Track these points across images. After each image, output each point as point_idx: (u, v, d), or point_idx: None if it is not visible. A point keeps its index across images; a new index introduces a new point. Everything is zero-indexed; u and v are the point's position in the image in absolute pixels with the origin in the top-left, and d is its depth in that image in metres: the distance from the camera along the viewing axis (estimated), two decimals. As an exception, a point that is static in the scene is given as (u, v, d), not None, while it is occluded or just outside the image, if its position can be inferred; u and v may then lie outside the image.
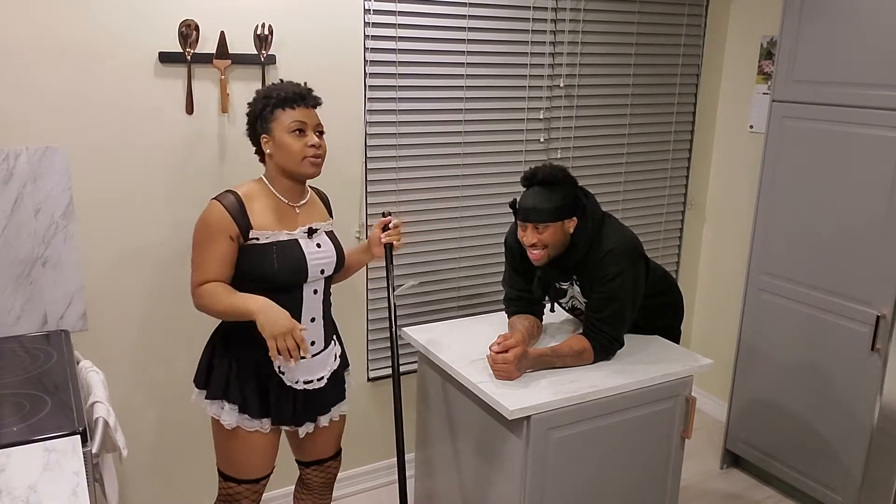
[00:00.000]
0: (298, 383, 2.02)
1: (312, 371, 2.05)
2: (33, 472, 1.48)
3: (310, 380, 2.04)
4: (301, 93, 1.95)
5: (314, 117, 1.97)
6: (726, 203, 3.55)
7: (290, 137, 1.92)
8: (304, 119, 1.93)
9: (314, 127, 1.96)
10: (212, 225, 1.89)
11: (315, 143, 1.94)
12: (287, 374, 2.01)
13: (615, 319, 2.21)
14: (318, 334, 2.05)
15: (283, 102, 1.93)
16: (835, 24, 2.60)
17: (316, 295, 2.02)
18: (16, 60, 2.10)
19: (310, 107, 1.97)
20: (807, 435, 2.85)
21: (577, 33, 3.02)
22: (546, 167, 2.20)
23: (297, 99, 1.94)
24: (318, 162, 1.97)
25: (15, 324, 2.23)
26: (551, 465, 2.07)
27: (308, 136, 1.94)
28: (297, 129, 1.93)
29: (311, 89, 1.99)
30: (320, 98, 2.01)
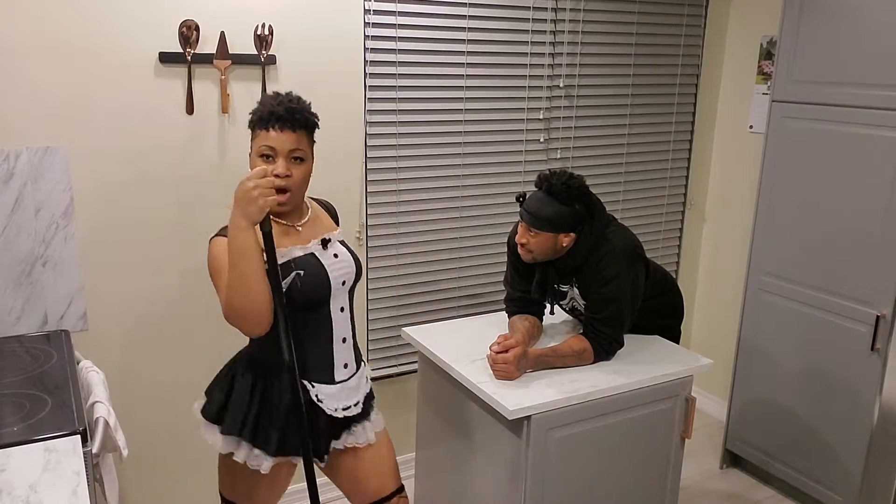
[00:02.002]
0: (337, 411, 1.84)
1: (349, 396, 1.88)
2: (33, 472, 1.48)
3: (348, 405, 1.87)
4: (276, 112, 1.69)
5: (290, 142, 1.70)
6: (726, 203, 3.55)
7: (257, 162, 1.71)
8: (274, 144, 1.69)
9: (287, 153, 1.70)
10: (218, 255, 1.70)
11: (280, 171, 1.68)
12: (325, 402, 1.82)
13: (614, 320, 2.21)
14: (349, 356, 1.88)
15: (259, 122, 1.72)
16: (834, 24, 2.60)
17: (343, 313, 1.85)
18: (16, 60, 2.10)
19: (288, 129, 1.70)
20: (807, 435, 2.85)
21: (577, 33, 3.02)
22: (559, 178, 2.15)
23: (272, 119, 1.69)
24: (283, 199, 1.70)
25: (15, 324, 2.23)
26: (551, 465, 2.07)
27: (276, 164, 1.69)
28: (264, 155, 1.71)
29: (294, 108, 1.72)
30: (307, 118, 1.75)
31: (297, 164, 1.74)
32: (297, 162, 1.74)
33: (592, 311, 2.24)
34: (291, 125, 1.71)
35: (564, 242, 2.19)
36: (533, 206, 2.17)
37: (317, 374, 1.83)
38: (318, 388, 1.83)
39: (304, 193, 1.82)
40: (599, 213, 2.22)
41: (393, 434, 3.02)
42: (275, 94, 1.76)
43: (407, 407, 3.02)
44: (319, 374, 1.84)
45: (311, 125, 1.77)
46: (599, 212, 2.22)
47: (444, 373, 2.28)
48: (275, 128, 1.69)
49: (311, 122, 1.77)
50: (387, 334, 2.90)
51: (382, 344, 2.90)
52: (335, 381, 1.85)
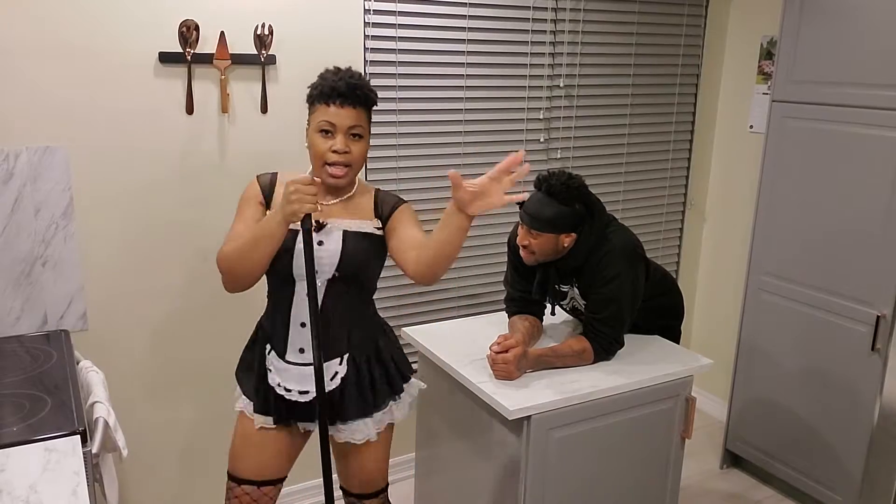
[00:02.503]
0: (279, 387, 1.87)
1: (296, 380, 1.86)
2: (33, 472, 1.48)
3: (290, 389, 1.86)
4: (338, 88, 1.71)
5: (350, 118, 1.72)
6: (726, 203, 3.55)
7: (316, 137, 1.74)
8: (334, 120, 1.71)
9: (347, 129, 1.73)
10: (244, 194, 1.86)
11: (339, 147, 1.72)
12: (271, 374, 1.88)
13: (614, 320, 2.21)
14: (306, 341, 1.82)
15: (320, 96, 1.74)
16: (834, 24, 2.60)
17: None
18: (16, 60, 2.10)
19: (349, 105, 1.72)
20: (807, 435, 2.85)
21: (577, 33, 3.02)
22: (558, 179, 2.16)
23: (333, 95, 1.71)
24: (342, 172, 1.74)
25: (15, 324, 2.23)
26: (551, 465, 2.07)
27: (335, 140, 1.72)
28: (323, 130, 1.73)
29: (356, 84, 1.73)
30: (368, 94, 1.76)
31: (355, 140, 1.76)
32: (356, 139, 1.76)
33: (592, 311, 2.24)
34: (352, 101, 1.73)
35: (566, 243, 2.19)
36: (533, 208, 2.17)
37: (274, 344, 1.89)
38: (271, 357, 1.89)
39: (359, 170, 1.84)
40: (599, 213, 2.22)
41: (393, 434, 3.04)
42: (336, 69, 1.79)
43: (407, 407, 3.02)
44: (276, 345, 1.89)
45: (370, 102, 1.79)
46: (599, 211, 2.22)
47: (444, 373, 2.28)
48: (335, 103, 1.72)
49: (372, 99, 1.79)
50: (387, 334, 2.90)
51: (382, 344, 2.90)
52: (284, 359, 1.87)
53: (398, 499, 2.97)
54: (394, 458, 3.06)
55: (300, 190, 1.62)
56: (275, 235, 1.69)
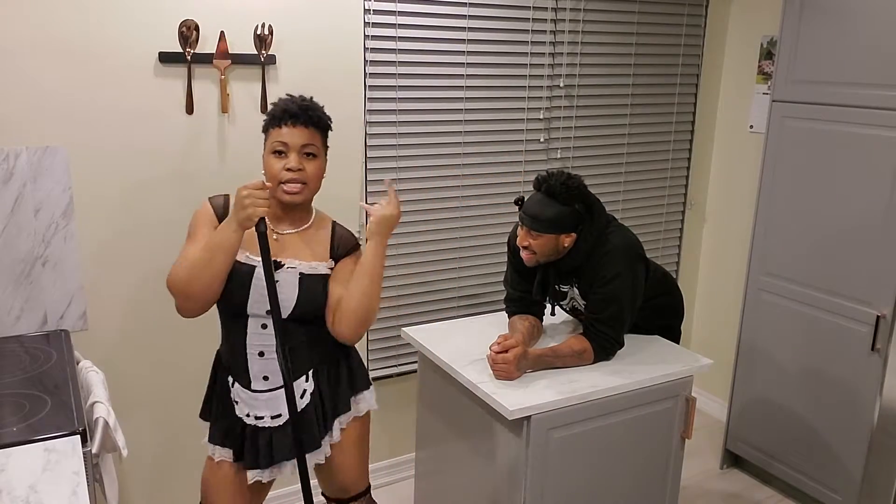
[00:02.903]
0: (249, 417, 1.85)
1: (261, 408, 1.84)
2: (33, 472, 1.48)
3: (261, 416, 1.85)
4: (290, 109, 1.75)
5: (302, 137, 1.74)
6: (726, 203, 3.55)
7: (270, 158, 1.75)
8: (286, 139, 1.73)
9: (300, 148, 1.74)
10: (196, 216, 1.82)
11: (293, 165, 1.73)
12: (239, 406, 1.86)
13: (614, 320, 2.21)
14: (270, 369, 1.82)
15: (272, 120, 1.77)
16: (834, 24, 2.60)
17: (265, 330, 1.80)
18: (16, 60, 2.10)
19: (300, 125, 1.74)
20: (807, 435, 2.85)
21: (577, 33, 3.02)
22: (557, 179, 2.16)
23: (285, 116, 1.75)
24: (295, 189, 1.74)
25: (15, 324, 2.23)
26: (551, 465, 2.07)
27: (288, 159, 1.73)
28: (277, 151, 1.74)
29: (307, 106, 1.78)
30: (319, 116, 1.80)
31: (309, 159, 1.77)
32: (310, 158, 1.77)
33: (592, 312, 2.24)
34: (304, 121, 1.75)
35: (566, 243, 2.19)
36: (533, 209, 2.17)
37: (237, 376, 1.87)
38: (236, 389, 1.87)
39: (316, 191, 1.83)
40: (599, 213, 2.22)
41: (393, 434, 3.04)
42: (289, 96, 1.82)
43: (407, 407, 3.02)
44: (240, 377, 1.86)
45: (323, 124, 1.81)
46: (599, 211, 2.23)
47: (444, 373, 2.28)
48: (287, 124, 1.74)
49: (324, 121, 1.82)
50: (387, 334, 2.90)
51: (382, 344, 2.90)
52: (251, 388, 1.85)
53: (398, 499, 2.97)
54: (394, 458, 3.08)
55: (253, 194, 1.64)
56: (231, 246, 1.68)
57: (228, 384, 1.89)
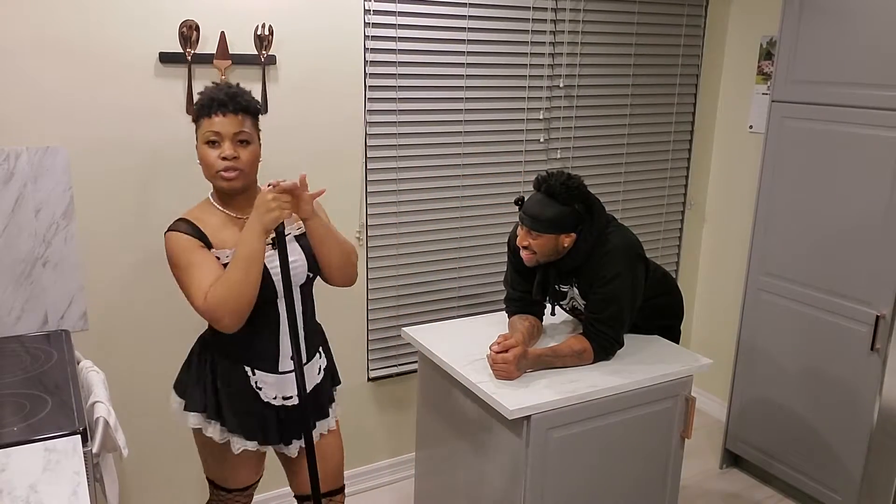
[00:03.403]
0: (277, 399, 1.92)
1: (290, 387, 1.91)
2: (33, 471, 1.49)
3: (289, 395, 1.93)
4: (218, 97, 1.75)
5: (233, 125, 1.76)
6: (726, 203, 3.55)
7: (204, 149, 1.78)
8: (219, 129, 1.75)
9: (232, 136, 1.76)
10: (178, 248, 1.77)
11: (227, 153, 1.75)
12: (264, 390, 1.91)
13: (614, 320, 2.22)
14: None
15: (202, 110, 1.78)
16: (834, 24, 2.60)
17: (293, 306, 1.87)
18: (16, 60, 2.10)
19: (230, 113, 1.75)
20: (807, 435, 2.85)
21: (577, 33, 3.02)
22: (556, 179, 2.16)
23: (214, 105, 1.75)
24: (233, 176, 1.77)
25: (15, 324, 2.24)
26: (551, 465, 2.07)
27: (221, 147, 1.76)
28: (210, 141, 1.76)
29: (235, 93, 1.78)
30: (248, 101, 1.80)
31: (243, 146, 1.79)
32: (243, 145, 1.79)
33: (592, 312, 2.24)
34: (234, 109, 1.76)
35: (566, 243, 2.19)
36: (533, 209, 2.17)
37: (260, 363, 1.90)
38: (258, 376, 1.90)
39: (253, 175, 1.86)
40: (599, 213, 2.22)
41: (393, 434, 3.05)
42: (214, 85, 1.84)
43: (407, 407, 3.03)
44: (262, 363, 1.90)
45: (253, 109, 1.82)
46: (599, 211, 2.23)
47: (444, 373, 2.28)
48: (217, 113, 1.75)
49: (253, 106, 1.83)
50: (387, 334, 2.90)
51: (382, 344, 2.91)
52: (278, 371, 1.91)
53: (398, 499, 2.98)
54: (394, 458, 3.09)
55: (279, 198, 1.70)
56: (261, 254, 1.73)
57: (247, 374, 1.89)
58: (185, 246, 1.77)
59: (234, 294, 1.70)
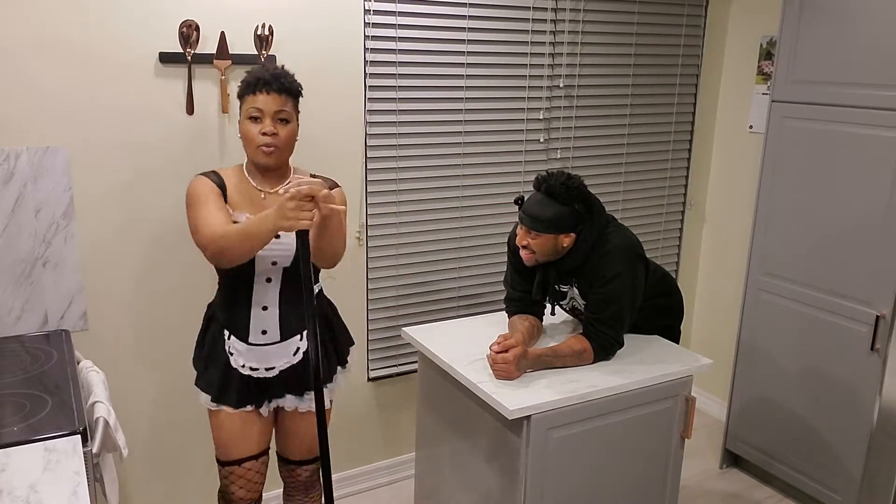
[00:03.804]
0: (244, 367, 2.02)
1: (260, 359, 2.02)
2: (33, 471, 1.49)
3: (256, 367, 2.02)
4: (263, 77, 1.87)
5: (275, 103, 1.88)
6: (726, 203, 3.55)
7: (246, 124, 1.90)
8: (261, 106, 1.87)
9: (273, 114, 1.88)
10: (200, 187, 1.92)
11: (268, 130, 1.87)
12: (234, 357, 2.02)
13: (614, 320, 2.22)
14: (269, 323, 2.00)
15: (247, 87, 1.90)
16: (834, 24, 2.60)
17: (269, 283, 1.98)
18: (16, 60, 2.10)
19: (273, 92, 1.87)
20: (807, 435, 2.85)
21: (577, 33, 3.02)
22: (556, 179, 2.16)
23: (259, 84, 1.87)
24: (271, 151, 1.89)
25: (15, 324, 2.24)
26: (551, 465, 2.07)
27: (263, 124, 1.88)
28: (252, 117, 1.89)
29: (279, 74, 1.90)
30: (291, 83, 1.92)
31: (282, 125, 1.91)
32: (283, 123, 1.91)
33: (592, 312, 2.24)
34: (277, 89, 1.88)
35: (565, 243, 2.19)
36: (532, 209, 2.17)
37: (235, 330, 2.02)
38: (232, 342, 2.02)
39: (289, 154, 1.98)
40: (599, 213, 2.22)
41: (393, 434, 3.05)
42: (262, 65, 1.99)
43: (407, 407, 3.03)
44: (236, 331, 2.02)
45: (294, 91, 1.94)
46: (599, 211, 2.23)
47: (444, 373, 2.28)
48: (262, 91, 1.87)
49: (295, 87, 1.94)
50: (387, 334, 2.90)
51: (382, 344, 2.91)
52: (248, 342, 2.01)
53: (398, 499, 2.98)
54: (394, 458, 3.09)
55: (300, 206, 1.73)
56: (266, 241, 1.81)
57: (224, 337, 2.03)
58: (205, 187, 1.92)
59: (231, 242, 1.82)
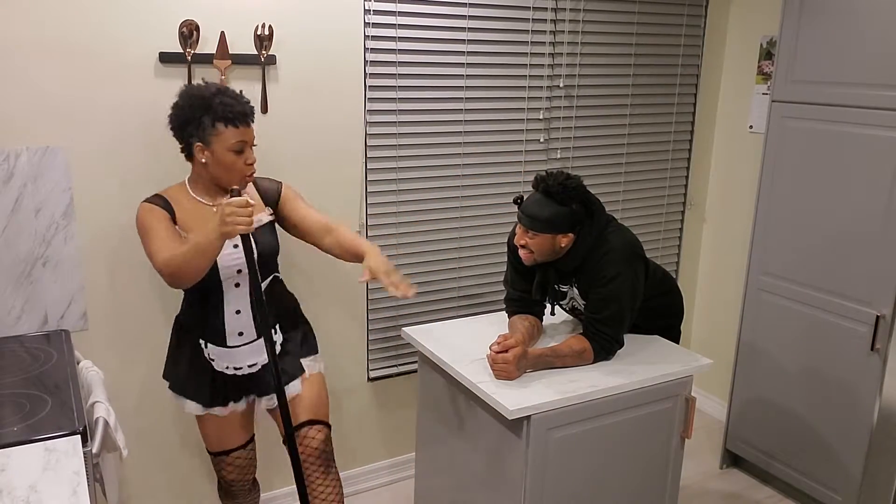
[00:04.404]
0: (228, 369, 2.15)
1: (239, 359, 2.15)
2: (33, 471, 1.49)
3: (239, 366, 2.16)
4: (245, 111, 1.98)
5: (251, 133, 2.02)
6: (726, 203, 3.55)
7: (231, 156, 1.98)
8: (245, 138, 1.99)
9: (251, 143, 2.02)
10: (146, 217, 2.00)
11: (252, 160, 2.02)
12: (216, 362, 2.14)
13: (614, 320, 2.22)
14: (244, 325, 2.12)
15: (226, 120, 1.96)
16: (834, 24, 2.60)
17: (238, 288, 2.08)
18: (16, 60, 2.10)
19: (251, 123, 2.01)
20: (807, 435, 2.85)
21: (577, 33, 3.02)
22: (555, 179, 2.16)
23: (241, 118, 1.97)
24: (251, 178, 2.06)
25: (15, 324, 2.24)
26: (551, 465, 2.07)
27: (246, 154, 2.00)
28: (238, 150, 1.98)
29: (247, 103, 2.01)
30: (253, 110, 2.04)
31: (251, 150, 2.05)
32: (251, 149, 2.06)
33: (592, 311, 2.24)
34: (250, 120, 2.02)
35: (563, 243, 2.19)
36: (531, 209, 2.17)
37: (211, 337, 2.12)
38: (210, 349, 2.14)
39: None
40: (598, 213, 2.22)
41: (393, 434, 3.05)
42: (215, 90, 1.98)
43: (407, 407, 3.03)
44: (213, 338, 2.12)
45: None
46: (598, 212, 2.23)
47: (444, 373, 2.28)
48: (243, 124, 1.99)
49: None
50: (387, 334, 2.90)
51: (382, 344, 2.90)
52: (227, 345, 2.12)
53: (398, 499, 2.98)
54: (394, 458, 3.09)
55: (236, 213, 1.80)
56: (216, 251, 1.89)
57: (200, 346, 2.14)
58: (152, 215, 2.00)
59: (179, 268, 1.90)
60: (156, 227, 1.98)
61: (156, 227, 1.98)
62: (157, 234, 1.97)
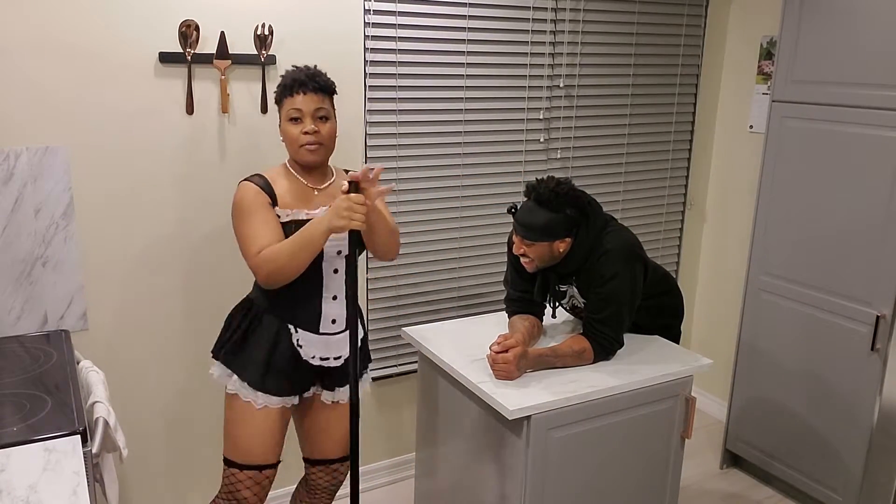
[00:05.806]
0: (315, 359, 2.06)
1: (330, 349, 2.07)
2: (33, 472, 1.48)
3: (326, 357, 2.08)
4: (299, 78, 1.95)
5: (313, 102, 1.95)
6: (726, 203, 3.55)
7: (288, 126, 1.97)
8: (301, 106, 1.94)
9: (312, 113, 1.95)
10: (248, 198, 1.94)
11: (309, 129, 1.94)
12: (304, 349, 2.04)
13: (614, 320, 2.22)
14: (339, 313, 2.07)
15: (284, 90, 1.97)
16: (834, 24, 2.60)
17: (336, 274, 2.04)
18: (16, 60, 2.10)
19: (310, 91, 1.94)
20: (807, 435, 2.85)
21: (577, 33, 3.02)
22: (546, 186, 2.16)
23: (295, 85, 1.94)
24: (315, 149, 1.97)
25: (15, 324, 2.23)
26: (551, 465, 2.07)
27: (303, 123, 1.95)
28: (293, 118, 1.95)
29: (314, 73, 1.97)
30: (326, 81, 1.99)
31: (322, 122, 1.98)
32: (323, 121, 1.98)
33: (592, 311, 2.24)
34: (314, 88, 1.95)
35: (561, 248, 2.20)
36: (525, 218, 2.17)
37: (303, 323, 2.04)
38: (300, 334, 2.04)
39: (332, 151, 2.03)
40: (595, 215, 2.22)
41: (393, 434, 3.05)
42: (295, 67, 2.01)
43: (407, 407, 3.03)
44: (305, 324, 2.04)
45: (330, 89, 2.01)
46: (595, 213, 2.22)
47: (444, 373, 2.28)
48: (299, 92, 1.94)
49: (331, 86, 2.01)
50: (387, 334, 2.90)
51: (382, 344, 2.90)
52: (319, 332, 2.05)
53: (398, 499, 2.98)
54: (394, 458, 3.09)
55: (353, 209, 1.79)
56: (320, 245, 1.87)
57: (288, 331, 2.03)
58: (253, 198, 1.94)
59: (281, 264, 1.87)
60: (253, 212, 1.93)
61: (253, 211, 1.93)
62: (254, 220, 1.92)
